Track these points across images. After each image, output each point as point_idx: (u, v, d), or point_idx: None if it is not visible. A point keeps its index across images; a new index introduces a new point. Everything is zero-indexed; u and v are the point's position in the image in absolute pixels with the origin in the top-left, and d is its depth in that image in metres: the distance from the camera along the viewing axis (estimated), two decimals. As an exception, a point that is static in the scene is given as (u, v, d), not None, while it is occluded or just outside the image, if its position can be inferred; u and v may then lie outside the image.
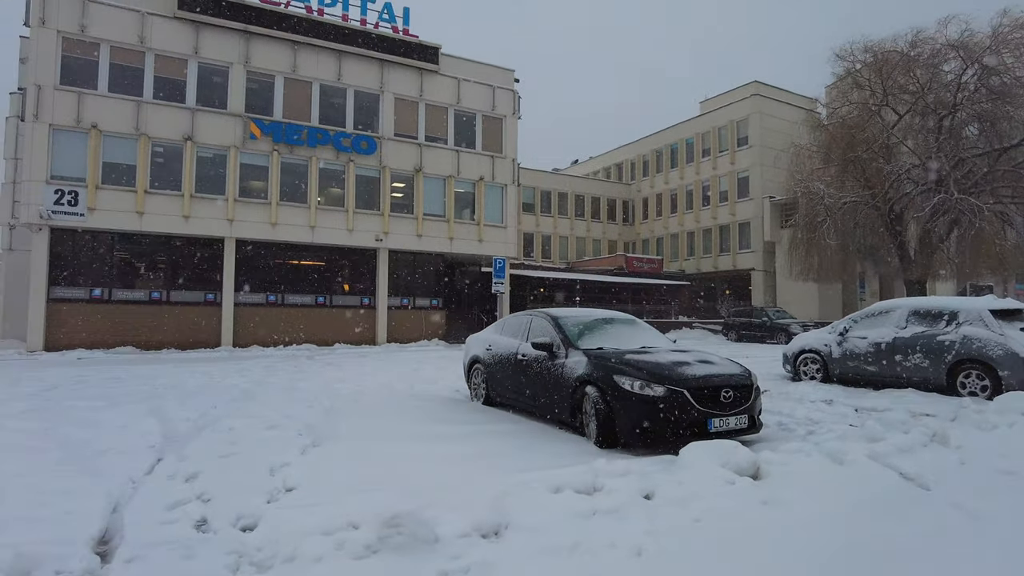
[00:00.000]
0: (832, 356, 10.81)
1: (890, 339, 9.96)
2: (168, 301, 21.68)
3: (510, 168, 27.63)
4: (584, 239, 43.89)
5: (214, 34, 22.25)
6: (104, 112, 20.62)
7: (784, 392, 9.80)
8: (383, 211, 24.73)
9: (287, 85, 23.54)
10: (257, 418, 7.62)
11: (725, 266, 37.15)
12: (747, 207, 35.72)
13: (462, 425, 7.16)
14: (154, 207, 21.12)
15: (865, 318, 10.65)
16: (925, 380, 9.53)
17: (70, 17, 20.23)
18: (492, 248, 26.83)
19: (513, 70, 28.21)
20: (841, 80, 28.04)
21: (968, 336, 9.09)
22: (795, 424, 7.11)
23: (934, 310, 9.73)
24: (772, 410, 8.10)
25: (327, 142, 23.75)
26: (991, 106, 24.10)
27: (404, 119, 25.58)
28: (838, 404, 8.67)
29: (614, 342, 6.98)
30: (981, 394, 8.90)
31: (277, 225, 22.93)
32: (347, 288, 24.62)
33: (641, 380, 5.77)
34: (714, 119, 38.03)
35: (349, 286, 24.68)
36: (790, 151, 28.34)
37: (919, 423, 6.43)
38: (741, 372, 6.21)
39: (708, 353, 6.86)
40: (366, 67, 24.78)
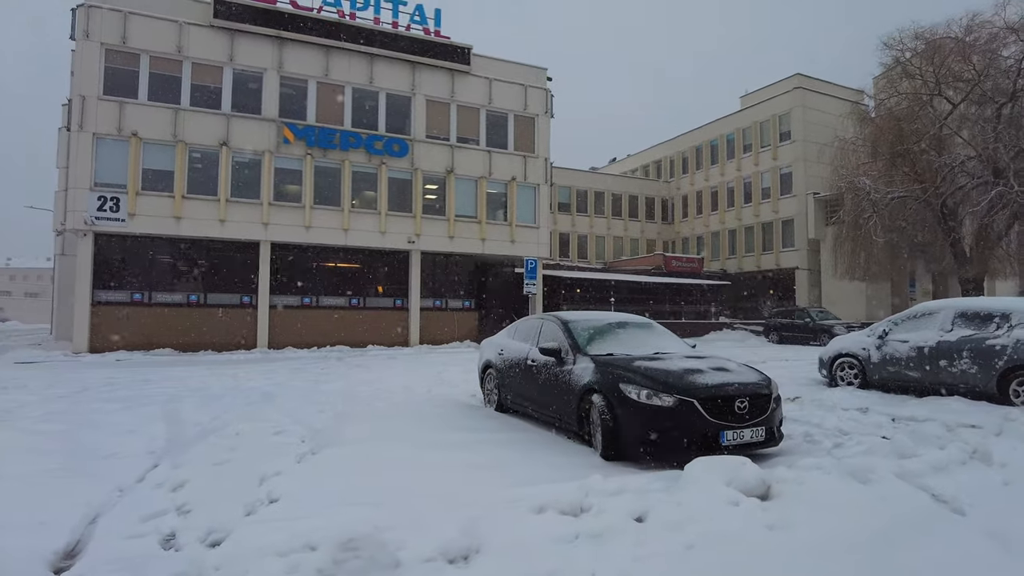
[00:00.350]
0: (871, 361, 10.17)
1: (934, 343, 9.29)
2: (206, 304, 22.14)
3: (543, 168, 27.32)
4: (622, 239, 43.20)
5: (248, 41, 22.61)
6: (144, 120, 21.17)
7: (817, 399, 9.23)
8: (415, 213, 24.75)
9: (320, 89, 23.77)
10: (267, 422, 7.55)
11: (768, 265, 36.01)
12: (790, 204, 34.53)
13: (468, 432, 6.92)
14: (191, 212, 21.58)
15: (907, 320, 9.98)
16: (973, 388, 8.85)
17: (112, 30, 20.84)
18: (524, 249, 26.56)
19: (545, 68, 27.90)
20: (889, 70, 26.78)
21: (1022, 340, 8.39)
22: (822, 435, 6.61)
23: (983, 312, 9.03)
24: (800, 419, 7.62)
25: (359, 145, 23.89)
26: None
27: (436, 121, 25.56)
28: (874, 413, 8.10)
29: (626, 347, 6.63)
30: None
31: (311, 228, 23.17)
32: (380, 290, 24.73)
33: (648, 389, 5.42)
34: (755, 113, 36.91)
35: (382, 288, 24.78)
36: (834, 145, 27.21)
37: (959, 436, 5.90)
38: (758, 380, 5.79)
39: (725, 359, 6.45)
40: (398, 69, 24.84)
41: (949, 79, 24.67)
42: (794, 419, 7.68)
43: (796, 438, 6.54)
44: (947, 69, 24.35)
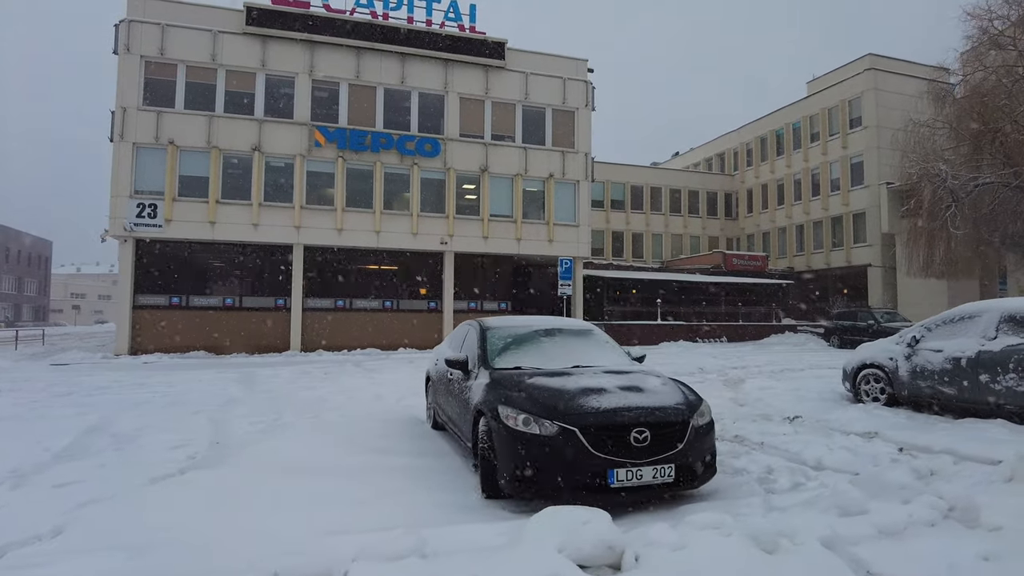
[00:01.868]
0: (899, 373, 8.58)
1: (973, 353, 7.67)
2: (241, 307, 22.42)
3: (583, 163, 26.15)
4: (680, 236, 41.12)
5: (280, 46, 22.76)
6: (180, 128, 21.66)
7: (823, 420, 7.81)
8: (448, 213, 24.20)
9: (351, 91, 23.65)
10: (179, 434, 7.08)
11: (838, 262, 33.17)
12: (861, 196, 31.66)
13: (376, 455, 6.09)
14: (225, 216, 21.91)
15: (943, 325, 8.34)
16: (1021, 408, 7.20)
17: (151, 42, 21.44)
18: (563, 248, 25.49)
19: (586, 60, 26.71)
20: (975, 43, 23.83)
21: (1081, 350, 6.71)
22: (786, 473, 5.31)
23: (1035, 316, 7.35)
24: (778, 448, 6.33)
25: (391, 146, 23.58)
26: None
27: (469, 119, 24.92)
28: (880, 440, 6.67)
29: (545, 359, 5.61)
30: (1103, 426, 6.53)
31: (343, 231, 23.06)
32: (413, 292, 24.33)
33: (526, 413, 4.41)
34: (823, 99, 34.14)
35: (415, 290, 24.38)
36: (908, 129, 24.57)
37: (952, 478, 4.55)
38: (672, 405, 4.63)
39: (656, 376, 5.32)
40: (430, 68, 24.38)
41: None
42: (773, 447, 6.40)
43: (748, 475, 5.31)
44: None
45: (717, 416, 8.09)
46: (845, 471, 5.41)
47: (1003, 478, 4.59)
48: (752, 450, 6.25)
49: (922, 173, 23.31)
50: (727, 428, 7.31)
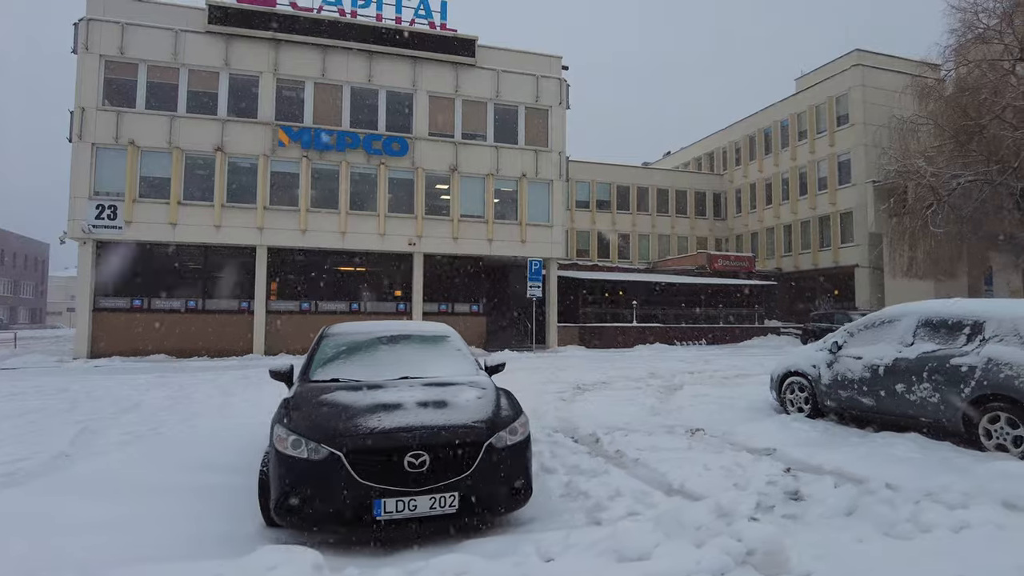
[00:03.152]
0: (821, 381, 8.00)
1: (890, 360, 7.09)
2: (203, 310, 22.04)
3: (557, 162, 25.61)
4: (668, 237, 40.42)
5: (244, 45, 22.38)
6: (141, 128, 21.32)
7: (728, 433, 7.26)
8: (417, 214, 23.72)
9: (317, 90, 23.23)
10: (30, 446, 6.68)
11: (826, 263, 32.41)
12: (849, 194, 30.92)
13: (208, 472, 5.61)
14: (187, 218, 21.54)
15: (865, 329, 7.75)
16: (937, 421, 6.62)
17: (111, 41, 21.11)
18: (536, 249, 24.96)
19: (560, 57, 26.19)
20: (959, 37, 23.07)
21: (994, 359, 6.12)
22: (618, 500, 4.73)
23: (952, 319, 6.75)
24: (649, 465, 5.80)
25: (357, 146, 23.15)
26: None
27: (439, 117, 24.45)
28: (772, 459, 6.11)
29: (372, 370, 5.10)
30: (1014, 449, 5.93)
31: (307, 232, 22.64)
32: (382, 294, 23.87)
33: (297, 435, 3.90)
34: (811, 96, 33.41)
35: (384, 292, 23.92)
36: (891, 125, 23.89)
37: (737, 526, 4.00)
38: (466, 423, 4.09)
39: (480, 390, 4.76)
40: (398, 66, 23.93)
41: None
42: (644, 465, 5.85)
43: (586, 500, 4.75)
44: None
45: (619, 427, 7.60)
46: (702, 496, 4.87)
47: (843, 511, 4.04)
48: (614, 468, 5.70)
49: (902, 170, 22.65)
50: (614, 442, 6.76)
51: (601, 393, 10.96)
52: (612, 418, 8.26)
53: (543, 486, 5.08)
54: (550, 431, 7.26)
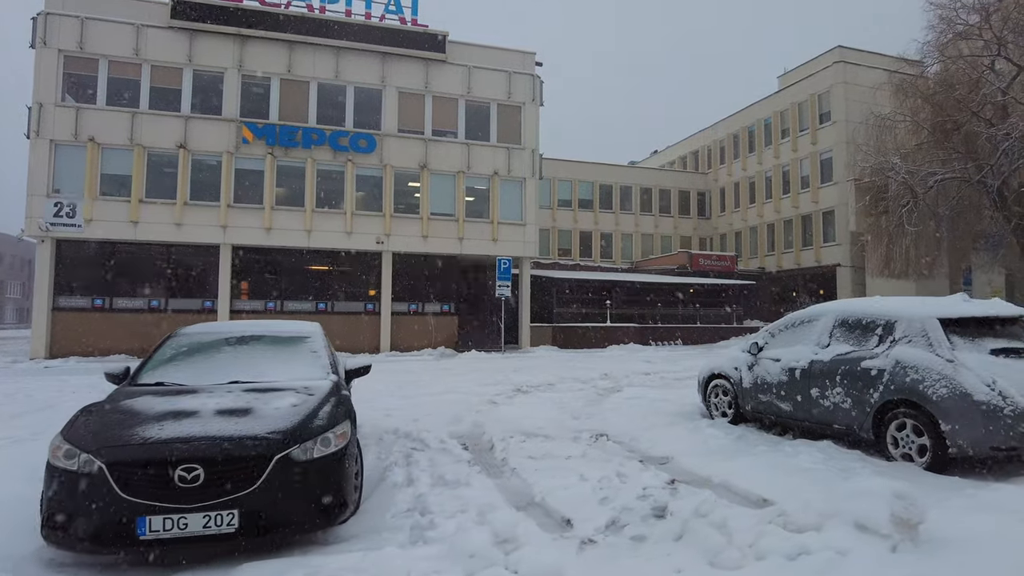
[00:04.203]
0: (743, 384, 7.60)
1: (806, 363, 6.69)
2: (166, 309, 21.67)
3: (530, 160, 25.21)
4: (651, 236, 39.96)
5: (208, 40, 22.01)
6: (101, 125, 20.95)
7: (634, 439, 6.88)
8: (385, 212, 23.34)
9: (283, 86, 22.86)
10: None
11: (808, 262, 32.00)
12: (831, 193, 30.50)
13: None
14: (149, 216, 21.16)
15: (785, 330, 7.36)
16: (849, 428, 6.23)
17: (70, 36, 20.74)
18: (509, 248, 24.56)
19: (533, 53, 25.80)
20: (937, 33, 22.69)
21: (902, 362, 5.73)
22: (456, 518, 4.32)
23: (866, 319, 6.36)
24: (524, 476, 5.41)
25: (323, 142, 22.78)
26: None
27: (409, 114, 24.06)
28: (663, 469, 5.75)
29: (202, 373, 4.73)
30: (919, 459, 5.54)
31: (272, 230, 22.26)
32: (349, 293, 23.48)
33: (72, 445, 3.53)
34: (793, 94, 32.99)
35: (351, 291, 23.53)
36: (869, 123, 23.50)
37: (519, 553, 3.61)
38: (257, 434, 3.69)
39: (304, 395, 4.32)
40: (366, 62, 23.55)
41: (1012, 38, 20.77)
42: (519, 475, 5.46)
43: (423, 517, 4.35)
44: (1014, 23, 20.46)
45: (527, 432, 7.20)
46: (555, 512, 4.48)
47: (673, 535, 3.65)
48: (483, 480, 5.31)
49: (877, 167, 22.25)
50: (507, 449, 6.37)
51: (537, 396, 10.57)
52: (528, 423, 7.86)
53: (387, 500, 4.69)
54: (444, 438, 6.85)
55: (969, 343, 5.57)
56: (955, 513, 4.00)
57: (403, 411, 8.83)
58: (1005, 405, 5.09)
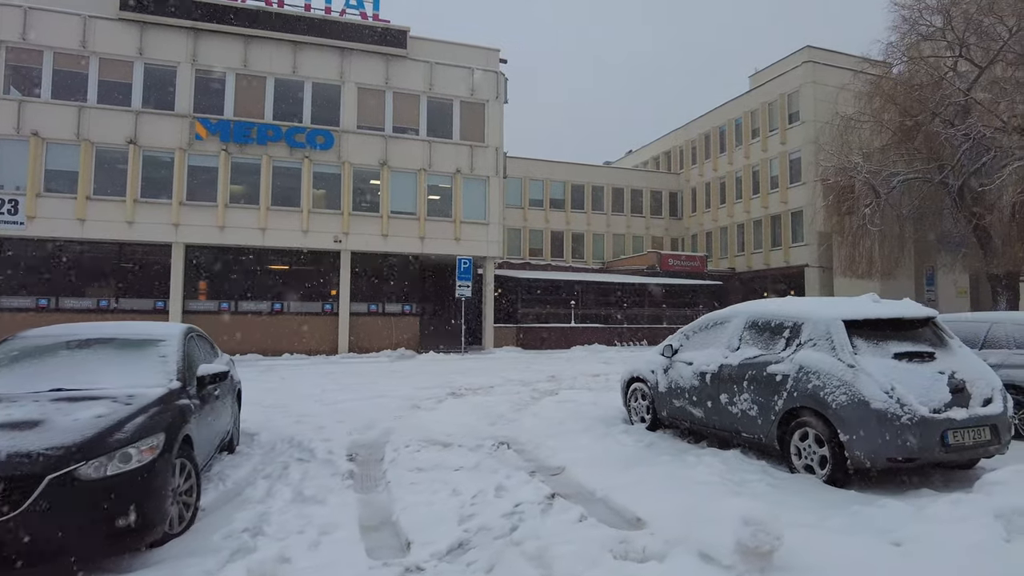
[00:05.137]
0: (659, 388, 7.28)
1: (716, 367, 6.38)
2: (116, 309, 21.02)
3: (493, 158, 24.83)
4: (623, 236, 39.70)
5: (160, 33, 21.39)
6: (46, 119, 20.27)
7: (539, 447, 6.54)
8: (343, 210, 22.85)
9: (239, 81, 22.30)
10: None
11: (777, 262, 31.90)
12: (799, 193, 30.41)
13: None
14: (97, 213, 20.52)
15: (700, 331, 7.05)
16: (755, 437, 5.91)
17: (12, 26, 20.05)
18: (472, 248, 24.17)
19: (498, 50, 25.44)
20: (901, 34, 22.62)
21: (805, 367, 5.41)
22: (286, 540, 3.96)
23: (775, 321, 6.05)
24: (394, 489, 5.00)
25: (279, 139, 22.25)
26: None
27: (369, 110, 23.59)
28: (559, 480, 5.42)
29: (24, 381, 4.29)
30: (820, 471, 5.23)
31: (225, 229, 21.70)
32: (306, 294, 22.94)
33: None
34: (764, 94, 32.89)
35: (309, 292, 22.99)
36: (835, 123, 23.42)
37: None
38: (30, 450, 3.23)
39: (116, 403, 3.87)
40: (325, 57, 23.05)
41: (973, 40, 20.78)
42: (396, 487, 5.06)
43: (251, 537, 3.96)
44: (975, 26, 20.45)
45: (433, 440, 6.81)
46: (403, 533, 4.10)
47: (485, 567, 3.28)
48: (346, 495, 4.91)
49: (840, 168, 22.15)
50: (398, 460, 5.99)
51: (469, 400, 10.19)
52: (439, 429, 7.48)
53: (228, 518, 4.28)
54: (335, 448, 6.44)
55: (874, 347, 5.26)
56: (826, 536, 3.69)
57: (316, 418, 8.41)
58: (903, 413, 4.79)
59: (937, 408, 4.89)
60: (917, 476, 5.26)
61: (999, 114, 19.56)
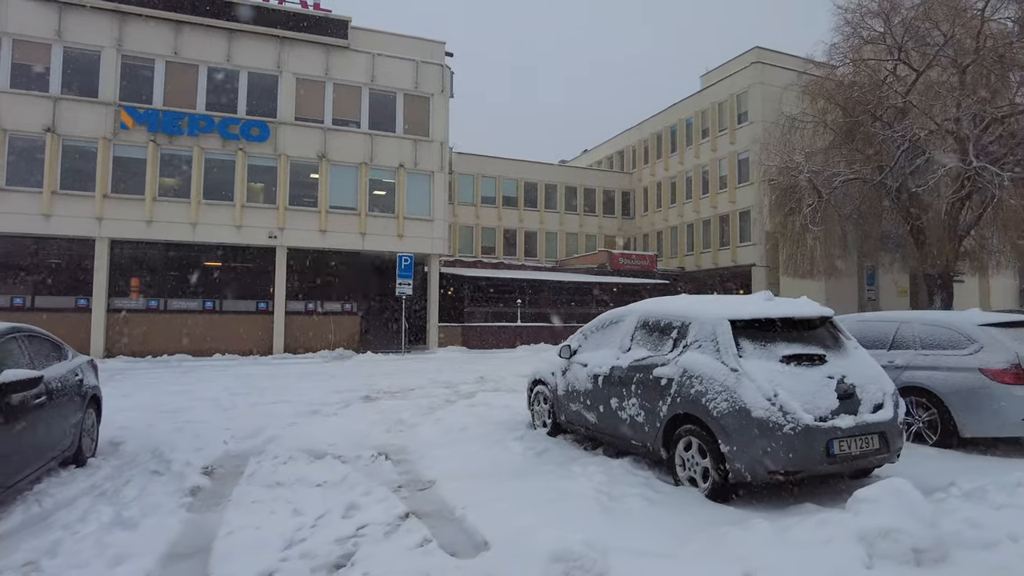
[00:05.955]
0: (557, 392, 6.89)
1: (607, 369, 6.01)
2: (32, 307, 19.80)
3: (438, 153, 24.27)
4: (576, 235, 39.54)
5: (81, 15, 20.24)
6: (-48, 104, 18.99)
7: (419, 457, 6.08)
8: (279, 204, 22.01)
9: (169, 69, 21.26)
10: None
11: (725, 262, 32.08)
12: (747, 193, 30.61)
13: None
14: (10, 206, 19.29)
15: (597, 331, 6.69)
16: (643, 445, 5.55)
17: (-84, 3, 18.73)
18: (416, 244, 23.59)
19: (443, 43, 24.88)
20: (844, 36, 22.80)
21: (689, 371, 5.06)
22: None
23: (664, 321, 5.71)
24: (220, 510, 4.47)
25: (212, 130, 21.29)
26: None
27: (308, 101, 22.78)
28: (426, 495, 4.97)
29: None
30: (702, 484, 4.88)
31: (153, 223, 20.66)
32: (240, 291, 22.03)
33: None
34: (714, 94, 33.02)
35: (243, 289, 22.09)
36: (780, 124, 23.53)
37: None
38: None
39: None
40: (262, 46, 22.17)
41: (912, 44, 21.08)
42: (214, 510, 4.53)
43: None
44: (914, 31, 20.73)
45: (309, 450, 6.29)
46: (210, 566, 3.59)
47: None
48: (170, 515, 4.38)
49: (783, 167, 22.26)
50: (256, 474, 5.45)
51: (377, 404, 9.66)
52: (327, 438, 6.98)
53: (7, 549, 3.70)
54: (192, 460, 5.87)
55: (761, 349, 4.93)
56: (669, 567, 3.31)
57: (201, 425, 7.82)
58: (785, 422, 4.45)
59: (823, 416, 4.57)
60: (806, 488, 4.94)
61: (933, 117, 19.84)
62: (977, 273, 25.58)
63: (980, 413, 6.32)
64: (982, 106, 19.09)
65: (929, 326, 7.07)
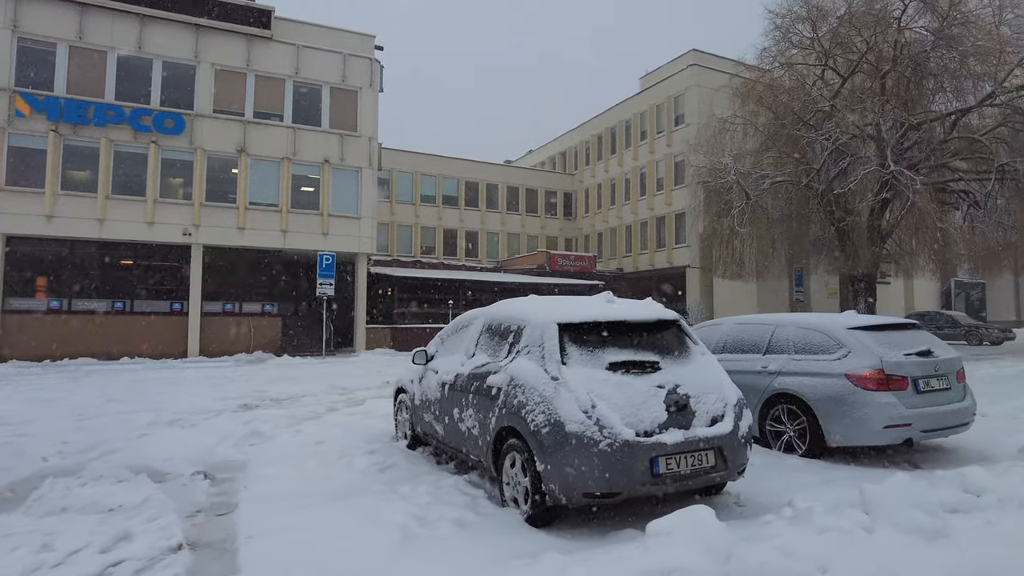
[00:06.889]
0: (415, 400, 6.46)
1: (452, 377, 5.60)
2: (-84, 309, 18.39)
3: (366, 148, 23.57)
4: (518, 236, 39.27)
5: (-28, -6, 18.89)
6: None
7: (256, 474, 5.54)
8: (195, 200, 21.00)
9: (72, 54, 20.02)
10: None
11: (661, 263, 32.26)
12: (683, 195, 30.77)
13: None
14: None
15: (451, 335, 6.30)
16: (479, 460, 5.16)
17: None
18: (342, 243, 22.85)
19: (373, 36, 24.20)
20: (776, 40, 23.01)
21: (515, 379, 4.67)
22: None
23: (503, 324, 5.33)
24: None
25: (122, 121, 20.15)
26: (944, 57, 19.52)
27: (227, 93, 21.81)
28: (223, 521, 4.41)
29: None
30: (524, 505, 4.48)
31: (54, 219, 19.41)
32: (154, 292, 20.93)
33: None
34: (652, 96, 33.17)
35: (156, 289, 20.99)
36: (712, 125, 23.65)
37: None
38: None
39: None
40: (178, 34, 21.11)
41: (839, 50, 21.42)
42: None
43: None
44: (840, 37, 21.05)
45: (143, 468, 5.70)
46: None
47: None
48: None
49: (712, 169, 22.36)
50: (48, 495, 4.84)
51: (252, 413, 9.06)
52: (164, 453, 6.40)
53: None
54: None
55: (589, 355, 4.54)
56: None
57: (36, 438, 7.19)
58: (602, 438, 4.07)
59: (648, 430, 4.20)
60: (647, 508, 4.57)
61: (856, 121, 20.20)
62: (902, 275, 26.25)
63: (845, 421, 6.13)
64: (900, 112, 19.49)
65: (803, 330, 6.88)
